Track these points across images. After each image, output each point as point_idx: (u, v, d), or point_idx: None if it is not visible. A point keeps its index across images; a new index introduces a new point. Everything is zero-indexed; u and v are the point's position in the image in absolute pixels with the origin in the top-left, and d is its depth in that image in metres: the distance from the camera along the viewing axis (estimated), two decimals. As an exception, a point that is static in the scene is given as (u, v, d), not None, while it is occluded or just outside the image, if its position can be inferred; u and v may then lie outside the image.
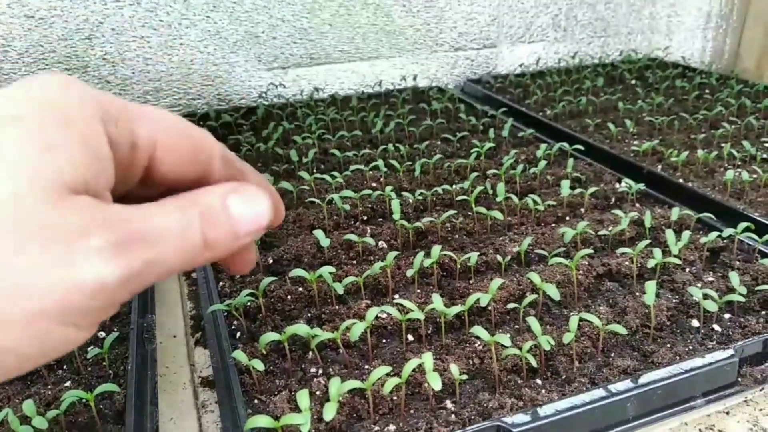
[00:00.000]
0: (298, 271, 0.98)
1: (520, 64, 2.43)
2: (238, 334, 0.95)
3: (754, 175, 1.40)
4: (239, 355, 0.82)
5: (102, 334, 0.96)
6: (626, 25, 2.60)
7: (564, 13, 2.46)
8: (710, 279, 1.05)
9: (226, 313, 0.97)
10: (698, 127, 1.77)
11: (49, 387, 0.84)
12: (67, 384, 0.86)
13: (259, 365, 0.80)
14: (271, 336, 0.83)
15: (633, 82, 2.28)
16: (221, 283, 1.07)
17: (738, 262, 1.09)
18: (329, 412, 0.69)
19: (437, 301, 0.90)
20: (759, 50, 2.69)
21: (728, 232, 1.12)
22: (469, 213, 1.25)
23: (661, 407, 0.81)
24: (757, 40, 2.70)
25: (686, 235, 1.10)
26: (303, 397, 0.70)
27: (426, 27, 2.24)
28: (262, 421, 0.68)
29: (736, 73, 2.39)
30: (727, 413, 0.85)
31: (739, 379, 0.85)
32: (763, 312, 0.96)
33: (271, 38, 2.04)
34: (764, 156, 1.54)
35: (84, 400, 0.78)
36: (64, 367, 0.90)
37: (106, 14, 1.83)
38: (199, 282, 1.09)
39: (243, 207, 0.30)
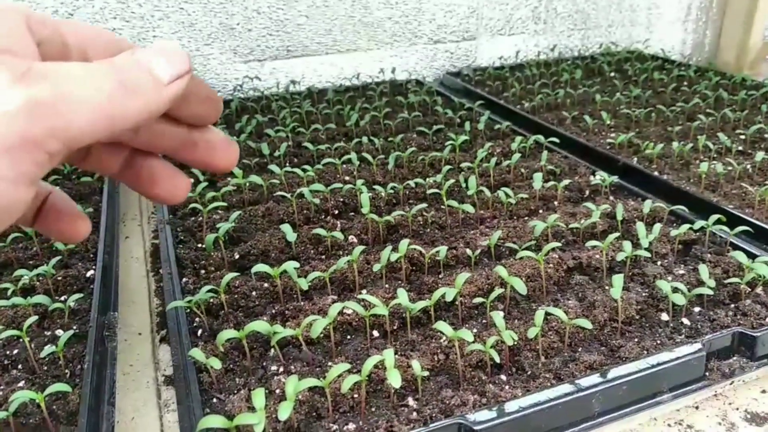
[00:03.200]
0: (261, 267, 0.96)
1: (500, 57, 2.41)
2: (200, 332, 0.93)
3: (729, 168, 1.39)
4: (196, 353, 0.79)
5: (60, 332, 0.93)
6: (606, 18, 2.59)
7: (544, 6, 2.44)
8: (681, 272, 1.04)
9: (188, 310, 0.95)
10: (675, 120, 1.76)
11: (1, 387, 0.82)
12: (21, 384, 0.83)
13: (216, 363, 0.78)
14: (228, 333, 0.81)
15: (612, 74, 2.27)
16: (185, 279, 1.05)
17: (709, 255, 1.08)
18: (284, 412, 0.67)
19: (402, 297, 0.88)
20: (738, 43, 2.69)
21: (699, 224, 1.12)
22: (441, 206, 1.24)
23: (628, 403, 0.80)
24: (737, 32, 2.70)
25: (657, 227, 1.09)
26: (258, 397, 0.68)
27: (405, 19, 2.22)
28: (215, 421, 0.66)
29: (715, 65, 2.39)
30: (696, 408, 0.84)
31: (707, 374, 0.84)
32: (733, 305, 0.96)
33: (247, 30, 2.01)
34: (739, 148, 1.54)
35: (36, 401, 0.75)
36: (19, 366, 0.88)
37: (76, 5, 1.79)
38: (165, 278, 1.07)
39: (153, 53, 0.30)
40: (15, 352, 0.89)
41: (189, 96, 0.35)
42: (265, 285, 1.01)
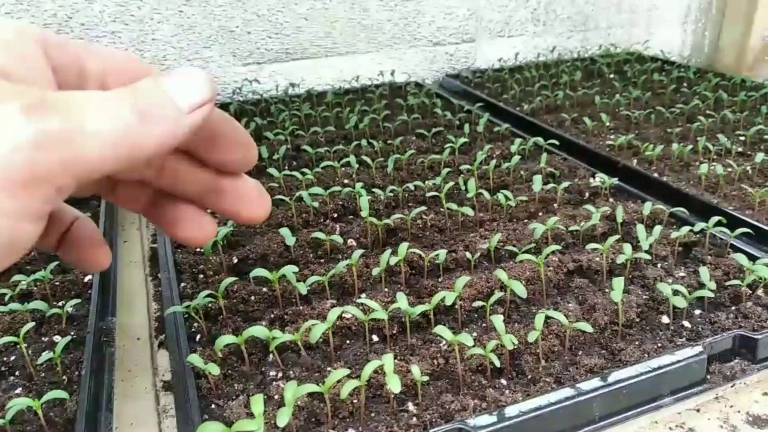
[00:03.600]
0: (259, 271, 0.95)
1: (499, 59, 2.41)
2: (198, 337, 0.93)
3: (729, 169, 1.39)
4: (194, 359, 0.79)
5: (57, 338, 0.93)
6: (606, 19, 2.59)
7: (543, 7, 2.44)
8: (681, 274, 1.04)
9: (186, 315, 0.95)
10: (675, 121, 1.76)
11: (-1, 394, 0.82)
12: (18, 391, 0.83)
13: (214, 369, 0.78)
14: (227, 339, 0.80)
15: (611, 76, 2.26)
16: (183, 284, 1.04)
17: (710, 257, 1.08)
18: (283, 418, 0.66)
19: (402, 301, 0.88)
20: (738, 44, 2.69)
21: (700, 226, 1.11)
22: (441, 209, 1.23)
23: (629, 406, 0.79)
24: (737, 33, 2.70)
25: (658, 229, 1.09)
26: (257, 403, 0.68)
27: (404, 21, 2.21)
28: (214, 428, 0.65)
29: (715, 66, 2.39)
30: (698, 411, 0.84)
31: (708, 377, 0.84)
32: (734, 307, 0.95)
33: (246, 33, 2.01)
34: (739, 150, 1.53)
35: (33, 408, 0.75)
36: (16, 373, 0.87)
37: (75, 9, 1.79)
38: (163, 283, 1.07)
39: (175, 79, 0.29)
40: (12, 358, 0.89)
41: (217, 137, 0.33)
42: (264, 289, 1.01)
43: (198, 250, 1.15)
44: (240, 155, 0.35)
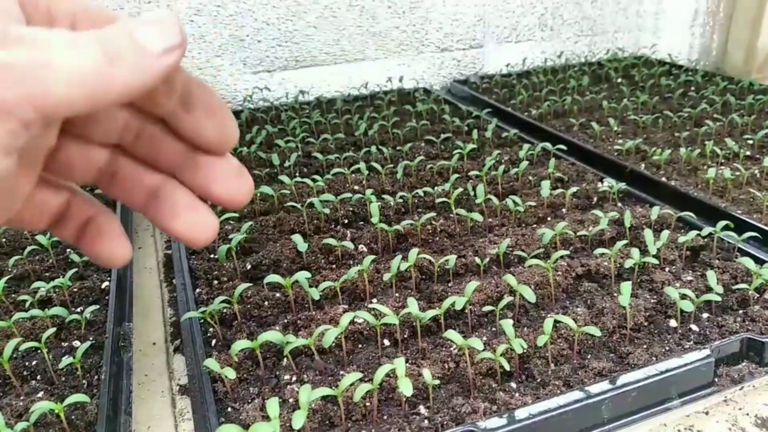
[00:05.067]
0: (273, 277, 0.97)
1: (507, 65, 2.42)
2: (214, 342, 0.95)
3: (737, 173, 1.39)
4: (211, 363, 0.81)
5: (77, 343, 0.95)
6: (613, 24, 2.60)
7: (550, 13, 2.45)
8: (689, 278, 1.05)
9: (202, 320, 0.97)
10: (682, 125, 1.77)
11: (21, 398, 0.84)
12: (40, 395, 0.85)
13: (230, 373, 0.80)
14: (242, 344, 0.82)
15: (619, 80, 2.27)
16: (198, 290, 1.06)
17: (717, 261, 1.09)
18: (298, 421, 0.68)
19: (413, 305, 0.89)
20: (746, 47, 2.69)
21: (707, 230, 1.12)
22: (450, 215, 1.25)
23: (637, 409, 0.81)
24: (745, 36, 2.70)
25: (665, 234, 1.10)
26: (272, 406, 0.69)
27: (412, 28, 2.24)
28: (231, 430, 0.67)
29: (723, 70, 2.39)
30: (707, 413, 0.85)
31: (716, 380, 0.85)
32: (741, 311, 0.96)
33: (256, 41, 2.03)
34: (747, 153, 1.54)
35: (56, 412, 0.77)
36: (38, 377, 0.90)
37: (88, 20, 1.82)
38: (178, 288, 1.09)
39: (143, 23, 0.28)
40: (34, 363, 0.91)
41: (191, 102, 0.32)
42: (277, 295, 1.03)
43: (212, 256, 1.17)
44: (215, 125, 0.33)
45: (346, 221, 1.29)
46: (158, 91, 0.30)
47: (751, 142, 1.62)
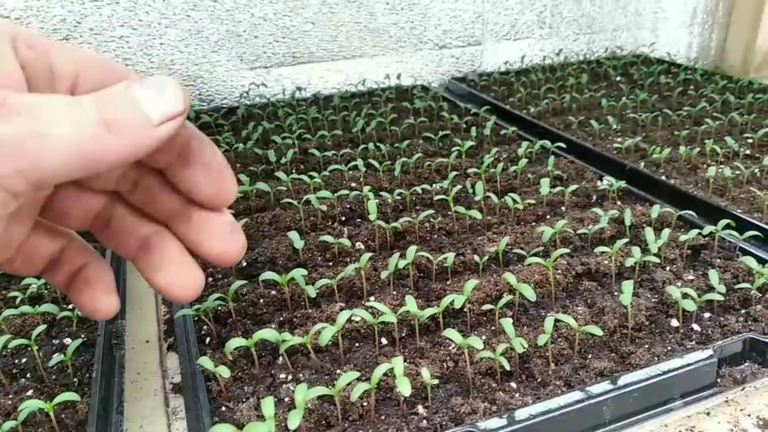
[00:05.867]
0: (269, 274, 0.96)
1: (505, 62, 2.41)
2: (208, 339, 0.93)
3: (737, 172, 1.38)
4: (205, 361, 0.79)
5: (68, 340, 0.93)
6: (612, 22, 2.59)
7: (549, 10, 2.44)
8: (690, 277, 1.04)
9: (196, 318, 0.95)
10: (682, 124, 1.76)
11: (10, 397, 0.82)
12: (29, 393, 0.83)
13: (225, 372, 0.78)
14: (237, 342, 0.80)
15: (617, 78, 2.26)
16: (192, 287, 1.04)
17: (719, 260, 1.08)
18: (293, 421, 0.66)
19: (411, 304, 0.88)
20: (745, 46, 2.69)
21: (708, 229, 1.11)
22: (448, 213, 1.23)
23: (639, 410, 0.79)
24: (744, 35, 2.69)
25: (666, 232, 1.09)
26: (268, 405, 0.68)
27: (410, 25, 2.22)
28: (225, 430, 0.65)
29: (722, 69, 2.39)
30: (708, 414, 0.84)
31: (719, 380, 0.84)
32: (743, 311, 0.95)
33: (253, 37, 2.02)
34: (747, 152, 1.53)
35: (45, 410, 0.75)
36: (27, 375, 0.88)
37: (83, 14, 1.80)
38: (172, 286, 1.07)
39: (147, 89, 0.28)
40: (23, 360, 0.90)
41: (190, 157, 0.32)
42: (273, 292, 1.01)
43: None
44: (212, 181, 0.33)
45: (343, 218, 1.28)
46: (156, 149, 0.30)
47: (750, 140, 1.60)
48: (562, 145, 1.54)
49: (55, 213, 0.32)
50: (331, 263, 1.12)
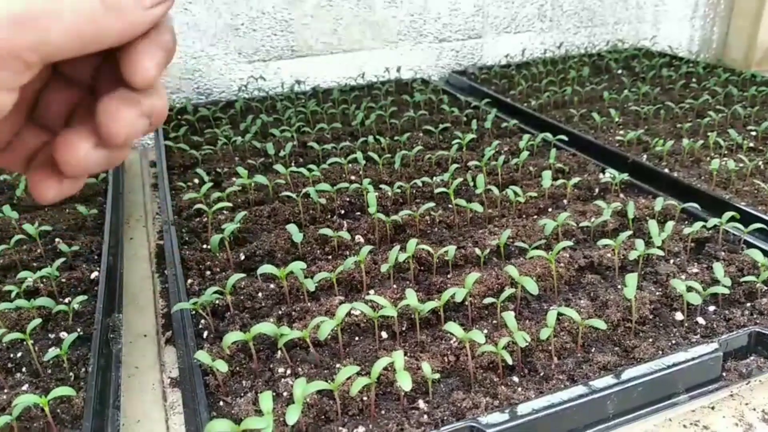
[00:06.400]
0: (267, 268, 0.94)
1: (506, 55, 2.39)
2: (206, 334, 0.92)
3: (740, 164, 1.37)
4: (202, 355, 0.78)
5: (64, 334, 0.92)
6: (613, 15, 2.57)
7: (550, 3, 2.42)
8: (695, 270, 1.02)
9: (194, 312, 0.94)
10: (684, 117, 1.74)
11: (5, 391, 0.81)
12: (25, 388, 0.82)
13: (222, 366, 0.77)
14: (234, 336, 0.79)
15: (619, 71, 2.25)
16: (190, 281, 1.03)
17: (723, 253, 1.06)
18: (292, 416, 0.65)
19: (411, 297, 0.86)
20: (747, 39, 2.67)
21: (713, 222, 1.10)
22: (449, 205, 1.22)
23: (643, 404, 0.78)
24: (745, 28, 2.67)
25: (670, 225, 1.08)
26: (266, 400, 0.67)
27: (410, 18, 2.20)
28: (222, 425, 0.64)
29: (724, 62, 2.37)
30: (713, 408, 0.83)
31: (724, 374, 0.83)
32: (749, 304, 0.94)
33: (252, 30, 2.00)
34: (750, 145, 1.51)
35: (40, 405, 0.74)
36: (23, 370, 0.86)
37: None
38: (170, 279, 1.06)
39: None
40: (19, 355, 0.88)
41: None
42: (271, 286, 1.00)
43: (205, 246, 1.14)
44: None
45: (343, 211, 1.26)
46: None
47: (754, 133, 1.59)
48: (564, 137, 1.52)
49: (40, 108, 0.34)
50: (330, 257, 1.10)
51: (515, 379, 0.81)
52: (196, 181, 1.39)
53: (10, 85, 0.28)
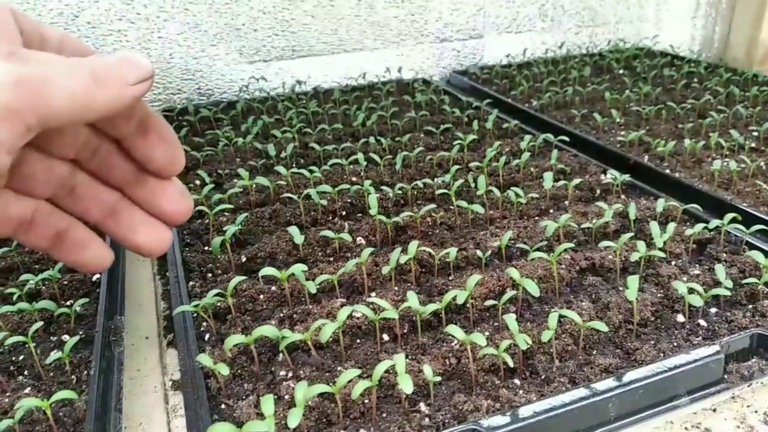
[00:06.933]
0: (268, 270, 0.94)
1: (507, 55, 2.39)
2: (207, 336, 0.92)
3: (742, 165, 1.37)
4: (204, 358, 0.78)
5: (66, 337, 0.92)
6: (614, 14, 2.57)
7: (551, 3, 2.42)
8: (696, 272, 1.02)
9: (195, 314, 0.94)
10: (686, 117, 1.74)
11: (7, 394, 0.81)
12: (27, 391, 0.82)
13: (224, 369, 0.77)
14: (236, 338, 0.79)
15: (620, 71, 2.25)
16: (191, 283, 1.03)
17: (725, 255, 1.06)
18: (294, 419, 0.65)
19: (413, 299, 0.86)
20: (748, 38, 2.66)
21: (715, 223, 1.09)
22: (450, 207, 1.22)
23: (645, 407, 0.78)
24: (747, 28, 2.67)
25: (671, 227, 1.07)
26: (267, 403, 0.67)
27: (411, 18, 2.20)
28: (224, 428, 0.64)
29: (725, 61, 2.37)
30: (714, 411, 0.82)
31: (726, 377, 0.82)
32: (750, 306, 0.94)
33: (252, 30, 2.00)
34: (752, 145, 1.51)
35: (42, 409, 0.74)
36: (25, 372, 0.86)
37: (81, 7, 1.78)
38: (171, 281, 1.06)
39: (119, 58, 0.34)
40: (21, 357, 0.88)
41: (148, 129, 0.37)
42: (273, 288, 1.00)
43: (206, 248, 1.14)
44: (165, 150, 0.38)
45: (344, 213, 1.26)
46: (121, 116, 0.36)
47: (756, 133, 1.59)
48: (565, 138, 1.52)
49: (22, 179, 0.36)
50: (331, 258, 1.10)
51: (516, 381, 0.81)
52: (198, 182, 1.39)
53: (8, 145, 0.30)
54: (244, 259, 1.10)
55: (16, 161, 0.34)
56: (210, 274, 1.07)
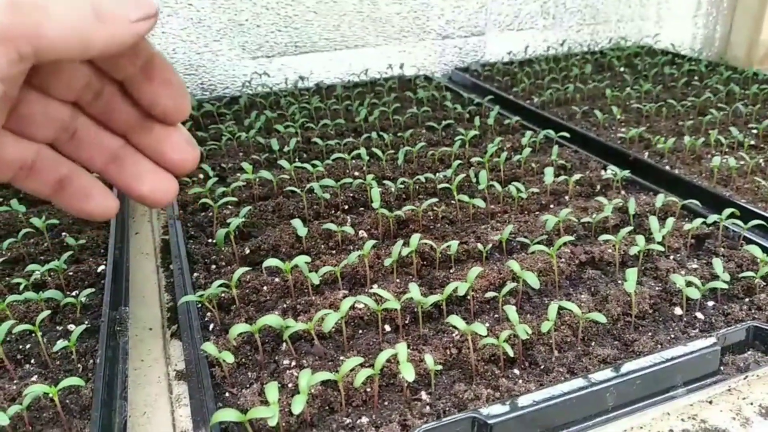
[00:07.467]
0: (272, 261, 0.96)
1: (509, 52, 2.40)
2: (212, 326, 0.93)
3: (741, 162, 1.38)
4: (209, 347, 0.79)
5: (72, 326, 0.94)
6: (616, 13, 2.58)
7: (553, 1, 2.43)
8: (694, 266, 1.03)
9: (200, 305, 0.95)
10: (686, 114, 1.75)
11: (15, 382, 0.82)
12: (34, 378, 0.83)
13: (228, 357, 0.78)
14: (240, 327, 0.80)
15: (621, 69, 2.25)
16: (195, 274, 1.05)
17: (723, 249, 1.07)
18: (297, 405, 0.67)
19: (414, 291, 0.88)
20: (749, 37, 2.67)
21: (713, 218, 1.11)
22: (452, 201, 1.23)
23: (642, 397, 0.79)
24: (747, 27, 2.68)
25: (670, 221, 1.09)
26: (271, 390, 0.68)
27: (413, 14, 2.21)
28: (229, 415, 0.66)
29: (726, 60, 2.37)
30: (710, 402, 0.84)
31: (722, 368, 0.84)
32: (747, 299, 0.95)
33: (255, 26, 2.01)
34: (752, 142, 1.52)
35: (50, 395, 0.75)
36: (32, 361, 0.88)
37: (85, 2, 1.79)
38: (175, 273, 1.07)
39: None
40: (28, 346, 0.90)
41: (152, 72, 0.35)
42: (276, 280, 1.01)
43: (210, 241, 1.15)
44: (170, 95, 0.36)
45: (347, 207, 1.28)
46: (124, 56, 0.34)
47: (755, 131, 1.60)
48: (566, 134, 1.53)
49: (20, 121, 0.34)
50: (334, 251, 1.11)
51: (516, 371, 0.82)
52: (201, 176, 1.40)
53: (2, 73, 0.29)
54: (247, 252, 1.11)
55: (15, 101, 0.33)
56: (214, 266, 1.08)
